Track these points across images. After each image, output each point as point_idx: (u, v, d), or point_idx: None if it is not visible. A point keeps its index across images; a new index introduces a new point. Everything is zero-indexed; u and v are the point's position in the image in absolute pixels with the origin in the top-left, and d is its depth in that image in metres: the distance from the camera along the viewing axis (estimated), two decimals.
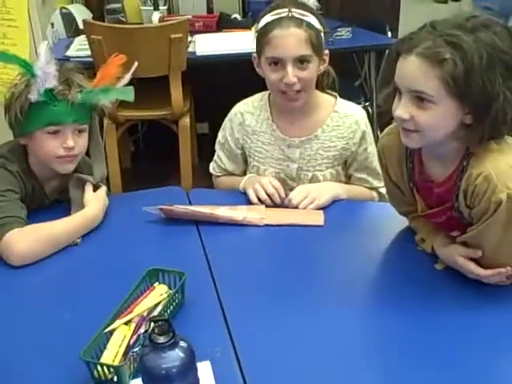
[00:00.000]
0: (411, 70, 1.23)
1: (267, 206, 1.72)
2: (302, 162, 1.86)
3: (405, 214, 1.59)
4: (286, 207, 1.72)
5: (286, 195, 1.75)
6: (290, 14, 1.70)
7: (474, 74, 1.17)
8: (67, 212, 1.64)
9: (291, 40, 1.69)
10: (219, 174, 2.00)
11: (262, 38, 1.72)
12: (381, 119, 3.20)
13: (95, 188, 1.70)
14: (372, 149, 1.87)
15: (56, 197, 1.74)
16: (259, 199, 1.73)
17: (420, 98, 1.24)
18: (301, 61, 1.70)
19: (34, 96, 1.54)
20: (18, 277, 1.46)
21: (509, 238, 1.27)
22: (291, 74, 1.70)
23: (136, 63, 1.70)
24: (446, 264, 1.42)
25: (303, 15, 1.72)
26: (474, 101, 1.20)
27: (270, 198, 1.73)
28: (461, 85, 1.19)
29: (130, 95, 1.65)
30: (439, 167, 1.39)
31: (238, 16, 3.41)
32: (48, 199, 1.72)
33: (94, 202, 1.65)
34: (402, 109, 1.26)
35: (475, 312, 1.30)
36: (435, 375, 1.14)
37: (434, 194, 1.42)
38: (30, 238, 1.49)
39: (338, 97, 1.88)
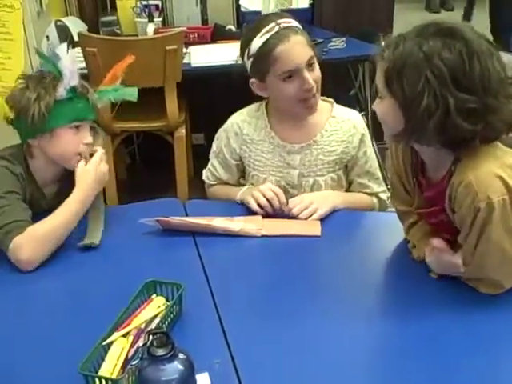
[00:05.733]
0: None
1: (265, 217, 1.71)
2: (302, 168, 1.86)
3: (401, 216, 1.59)
4: (286, 217, 1.72)
5: (287, 200, 1.74)
6: (281, 26, 1.71)
7: (397, 74, 1.23)
8: None
9: (297, 48, 1.71)
10: (213, 183, 1.99)
11: (266, 58, 1.71)
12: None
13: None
14: (371, 152, 1.89)
15: (54, 201, 1.73)
16: (260, 206, 1.72)
17: (378, 92, 1.33)
18: (309, 64, 1.72)
19: (61, 93, 1.61)
20: (16, 288, 1.46)
21: (482, 247, 1.28)
22: (310, 78, 1.71)
23: (132, 56, 1.78)
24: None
25: (290, 22, 1.74)
26: (399, 99, 1.25)
27: (270, 204, 1.71)
28: (389, 82, 1.25)
29: (134, 95, 1.75)
30: (433, 170, 1.41)
31: (232, 27, 3.41)
32: (46, 204, 1.72)
33: (83, 179, 1.64)
34: (375, 102, 1.36)
35: (473, 319, 1.30)
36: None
37: (424, 195, 1.44)
38: (33, 242, 1.51)
39: (335, 103, 1.89)
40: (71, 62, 1.64)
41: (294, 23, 1.75)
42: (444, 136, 1.24)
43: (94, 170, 1.66)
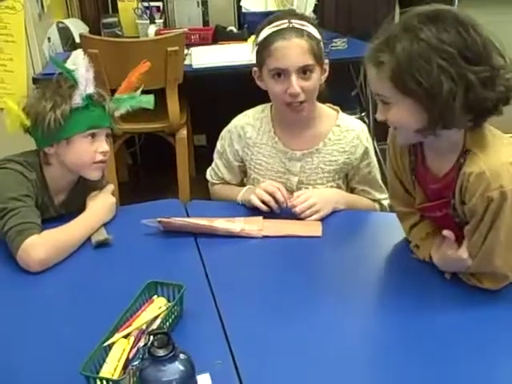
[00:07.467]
0: (369, 75, 1.30)
1: (266, 217, 1.71)
2: (302, 175, 1.85)
3: (401, 217, 1.59)
4: (286, 217, 1.71)
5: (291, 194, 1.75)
6: (290, 25, 1.71)
7: (408, 71, 1.21)
8: None
9: (294, 50, 1.69)
10: (216, 182, 2.00)
11: (264, 50, 1.72)
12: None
13: None
14: (374, 162, 1.88)
15: (61, 209, 1.76)
16: (263, 203, 1.72)
17: (383, 101, 1.30)
18: (304, 71, 1.71)
19: (77, 101, 1.62)
20: (17, 290, 1.46)
21: (492, 237, 1.29)
22: (295, 83, 1.70)
23: (148, 63, 1.80)
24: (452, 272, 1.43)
25: (303, 25, 1.73)
26: (417, 95, 1.23)
27: (274, 199, 1.71)
28: (401, 83, 1.23)
29: (150, 102, 1.77)
30: (438, 163, 1.40)
31: (233, 28, 3.42)
32: (54, 211, 1.74)
33: (94, 202, 1.72)
34: (378, 113, 1.33)
35: (475, 318, 1.30)
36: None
37: (430, 188, 1.44)
38: (48, 245, 1.52)
39: (340, 111, 1.88)
40: (86, 70, 1.65)
41: (308, 28, 1.73)
42: (472, 112, 1.23)
43: (106, 196, 1.76)
